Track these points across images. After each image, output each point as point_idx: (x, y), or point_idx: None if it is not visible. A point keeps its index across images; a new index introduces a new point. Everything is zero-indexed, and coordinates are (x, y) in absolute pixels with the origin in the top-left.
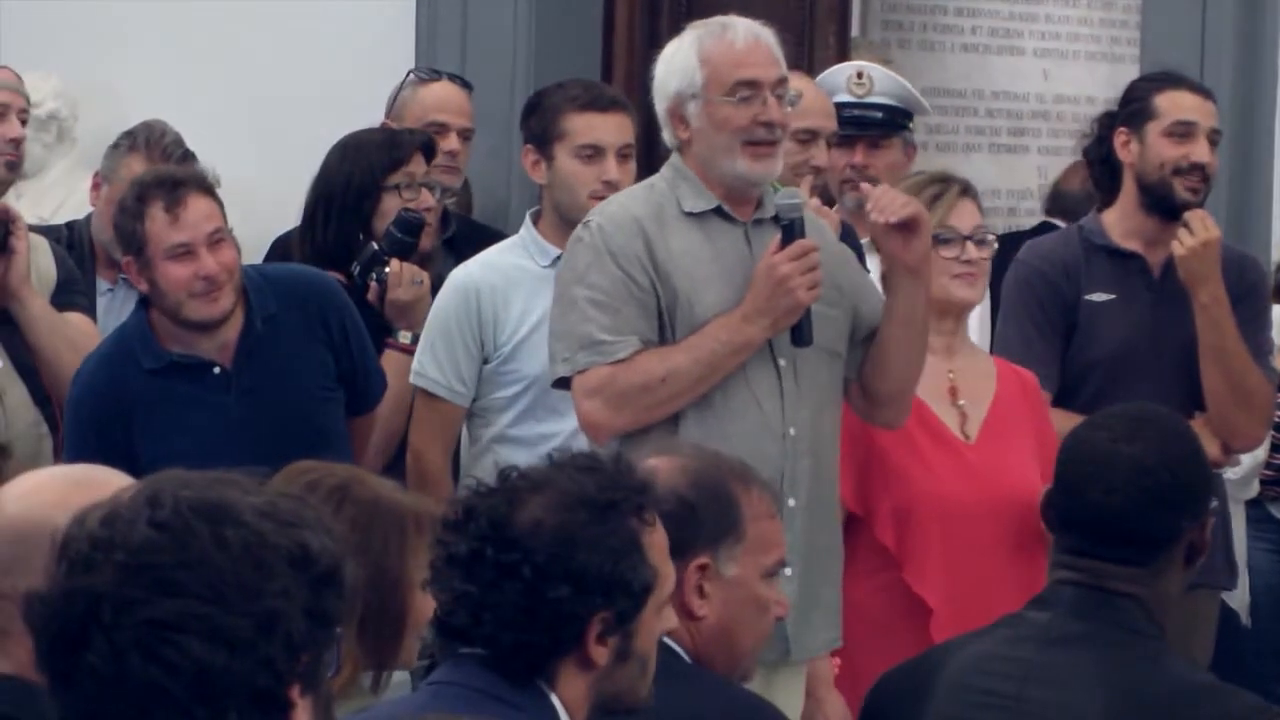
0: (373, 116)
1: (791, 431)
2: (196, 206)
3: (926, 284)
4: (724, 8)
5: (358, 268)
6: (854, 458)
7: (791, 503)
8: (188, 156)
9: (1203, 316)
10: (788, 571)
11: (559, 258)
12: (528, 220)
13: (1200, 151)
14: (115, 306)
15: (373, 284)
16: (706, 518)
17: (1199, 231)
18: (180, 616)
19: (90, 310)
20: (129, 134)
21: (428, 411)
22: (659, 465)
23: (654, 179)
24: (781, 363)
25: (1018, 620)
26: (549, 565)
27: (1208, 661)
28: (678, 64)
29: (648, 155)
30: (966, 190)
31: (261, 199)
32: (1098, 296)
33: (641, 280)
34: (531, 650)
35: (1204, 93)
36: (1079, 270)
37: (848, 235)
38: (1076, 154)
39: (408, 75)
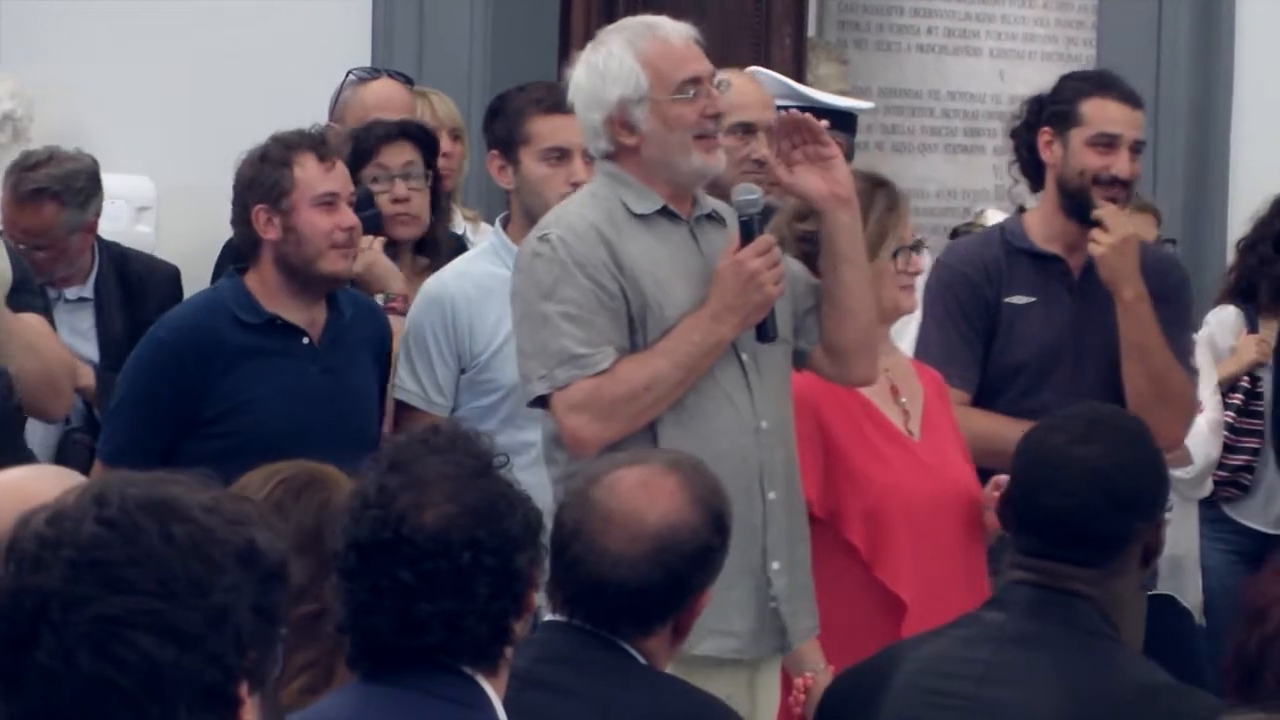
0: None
1: (763, 424)
2: (342, 166)
3: (858, 213)
4: (679, 9)
5: None
6: (815, 462)
7: (772, 495)
8: (62, 193)
9: (1126, 314)
10: (775, 565)
11: None
12: (497, 226)
13: (1121, 165)
14: (64, 318)
15: None
16: (722, 553)
17: (1115, 229)
18: (130, 612)
19: (46, 312)
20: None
21: (407, 423)
22: (667, 489)
23: (592, 188)
24: (744, 357)
25: (974, 620)
26: (496, 541)
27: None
28: (615, 70)
29: None
30: (905, 197)
31: (214, 201)
32: (1018, 299)
33: (611, 288)
34: (506, 630)
35: (1132, 101)
36: (1000, 272)
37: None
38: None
39: (347, 75)
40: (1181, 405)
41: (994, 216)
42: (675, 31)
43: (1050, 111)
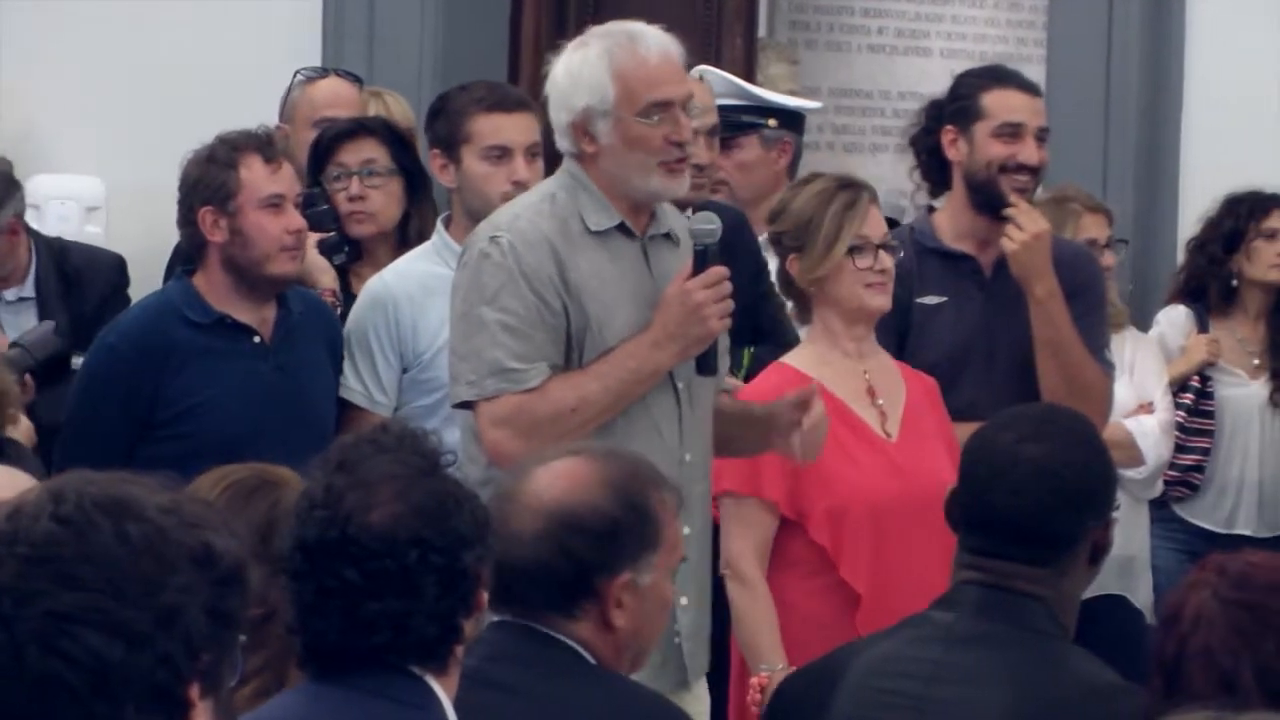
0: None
1: (688, 457)
2: (287, 166)
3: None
4: (631, 11)
5: None
6: (785, 463)
7: (687, 530)
8: None
9: (1038, 311)
10: (684, 600)
11: None
12: (439, 225)
13: (1028, 153)
14: (6, 319)
15: None
16: (632, 536)
17: (1028, 225)
18: (79, 609)
19: None
20: None
21: (351, 423)
22: (576, 472)
23: (553, 188)
24: (680, 386)
25: (923, 620)
26: (443, 539)
27: None
28: (586, 78)
29: (553, 157)
30: (874, 197)
31: (164, 201)
32: (930, 299)
33: (554, 304)
34: (454, 630)
35: (1031, 90)
36: (911, 274)
37: (744, 227)
38: None
39: (296, 75)
40: (1097, 399)
41: None
42: (657, 48)
43: (951, 109)
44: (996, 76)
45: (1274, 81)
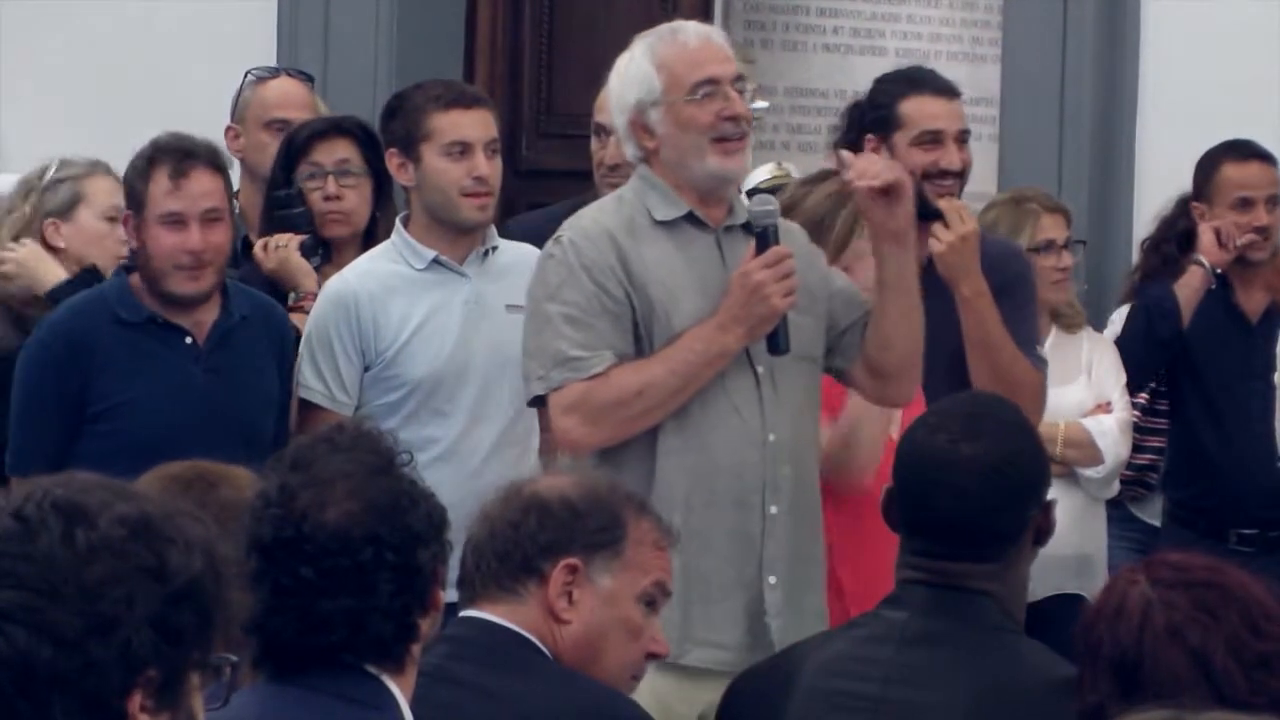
0: None
1: (771, 438)
2: (200, 180)
3: (911, 249)
4: (588, 11)
5: None
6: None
7: (773, 510)
8: None
9: (966, 310)
10: (772, 580)
11: (435, 259)
12: (398, 224)
13: (950, 158)
14: None
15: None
16: (587, 523)
17: (956, 226)
18: (10, 605)
19: None
20: None
21: (311, 422)
22: (568, 475)
23: (622, 191)
24: (760, 370)
25: (873, 619)
26: (398, 537)
27: None
28: (633, 74)
29: (510, 156)
30: None
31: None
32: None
33: (616, 293)
34: (410, 628)
35: (948, 93)
36: None
37: None
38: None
39: (246, 75)
40: (1029, 396)
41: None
42: (695, 33)
43: (871, 118)
44: (913, 83)
45: (1229, 81)
